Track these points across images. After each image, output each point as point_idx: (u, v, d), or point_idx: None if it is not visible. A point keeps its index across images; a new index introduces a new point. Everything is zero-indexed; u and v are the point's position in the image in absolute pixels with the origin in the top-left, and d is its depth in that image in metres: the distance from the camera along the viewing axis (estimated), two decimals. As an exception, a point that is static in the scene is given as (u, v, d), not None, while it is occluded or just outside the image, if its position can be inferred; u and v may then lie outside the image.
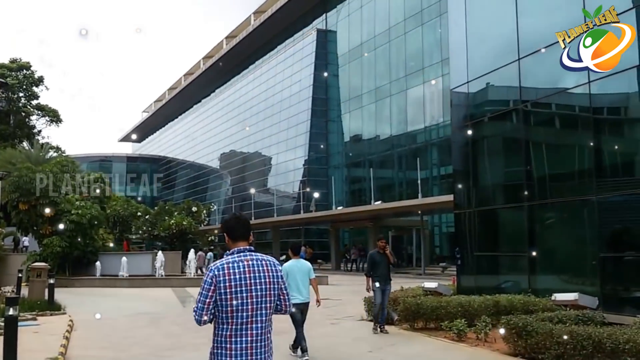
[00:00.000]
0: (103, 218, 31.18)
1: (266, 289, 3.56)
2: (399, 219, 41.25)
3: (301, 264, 9.16)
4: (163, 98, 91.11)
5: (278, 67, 58.80)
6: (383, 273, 11.73)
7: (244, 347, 3.49)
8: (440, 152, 40.72)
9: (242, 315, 3.48)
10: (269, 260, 3.69)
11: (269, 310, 3.59)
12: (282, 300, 3.70)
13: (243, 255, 3.61)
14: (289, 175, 55.17)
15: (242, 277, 3.52)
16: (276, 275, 3.65)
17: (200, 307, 3.50)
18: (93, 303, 19.21)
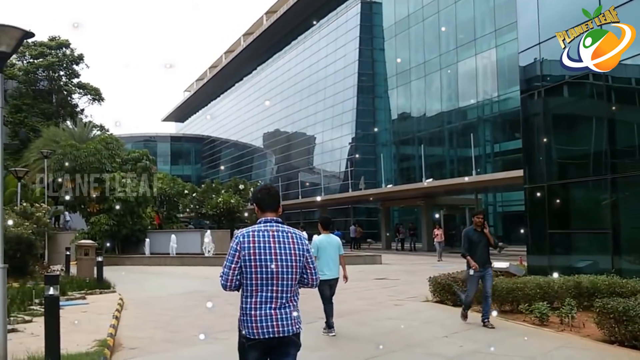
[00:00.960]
0: (150, 196, 31.11)
1: (290, 259, 3.64)
2: (451, 198, 39.98)
3: (331, 239, 8.98)
4: (204, 77, 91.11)
5: (321, 42, 57.65)
6: (482, 255, 9.65)
7: (269, 314, 3.57)
8: (494, 128, 39.12)
9: (266, 282, 3.58)
10: (295, 233, 3.76)
11: (293, 280, 3.66)
12: (309, 273, 3.77)
13: (269, 225, 3.70)
14: (335, 154, 54.30)
15: (267, 245, 3.62)
16: (302, 248, 3.72)
17: (226, 272, 3.63)
18: (143, 281, 18.97)
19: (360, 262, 26.47)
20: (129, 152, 31.72)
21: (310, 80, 58.90)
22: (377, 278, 18.85)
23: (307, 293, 12.94)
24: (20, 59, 42.10)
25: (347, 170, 46.36)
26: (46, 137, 32.51)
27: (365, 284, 17.12)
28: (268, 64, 71.33)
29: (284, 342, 3.64)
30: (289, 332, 3.63)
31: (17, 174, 21.97)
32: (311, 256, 3.81)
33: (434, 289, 12.66)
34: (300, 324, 3.72)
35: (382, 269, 23.09)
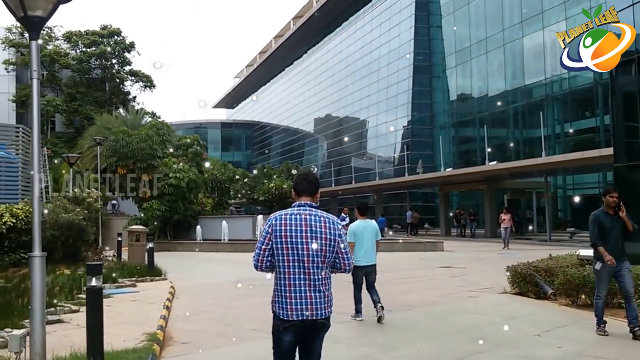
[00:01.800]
0: (201, 182, 30.84)
1: (321, 243, 3.70)
2: (516, 181, 38.19)
3: (368, 225, 8.83)
4: (254, 62, 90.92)
5: (374, 21, 56.17)
6: (616, 245, 7.59)
7: (302, 296, 3.67)
8: (564, 107, 37.05)
9: (298, 265, 3.68)
10: (328, 217, 3.82)
11: (324, 264, 3.73)
12: (341, 258, 3.81)
13: (303, 210, 3.79)
14: (389, 137, 52.98)
15: (298, 228, 3.71)
16: (334, 232, 3.77)
17: (257, 252, 3.76)
18: (194, 268, 18.51)
19: (421, 248, 25.44)
20: (180, 137, 31.53)
21: (362, 61, 57.60)
22: (441, 266, 17.80)
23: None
24: (73, 48, 42.71)
25: (403, 154, 44.97)
26: (99, 124, 32.64)
27: (431, 273, 16.13)
28: (318, 47, 70.32)
29: (317, 325, 3.74)
30: (322, 316, 3.72)
31: (69, 160, 21.88)
32: (344, 241, 3.83)
33: (513, 280, 11.56)
34: (332, 308, 3.80)
35: (445, 256, 21.98)
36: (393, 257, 22.11)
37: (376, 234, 8.91)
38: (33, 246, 5.96)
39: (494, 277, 14.64)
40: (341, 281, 9.50)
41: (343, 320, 8.86)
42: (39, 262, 5.93)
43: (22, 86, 41.10)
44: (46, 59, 40.37)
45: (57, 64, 41.47)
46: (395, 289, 12.77)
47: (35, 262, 5.91)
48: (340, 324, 8.64)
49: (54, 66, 41.83)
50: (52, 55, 40.71)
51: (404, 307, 10.07)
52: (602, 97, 34.66)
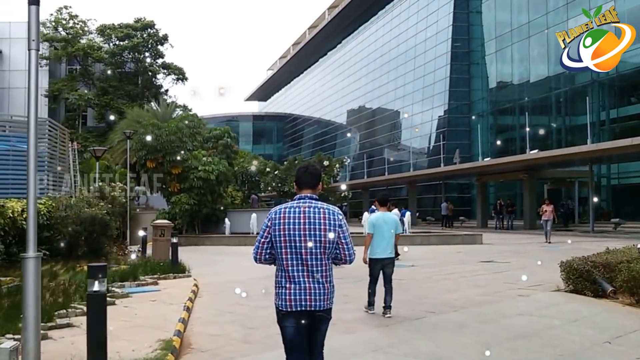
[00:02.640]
0: (231, 175, 30.21)
1: (320, 235, 3.73)
2: (557, 170, 36.56)
3: (387, 217, 8.66)
4: (287, 54, 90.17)
5: (411, 9, 54.76)
6: None
7: (301, 287, 3.71)
8: (610, 93, 35.32)
9: (296, 257, 3.73)
10: (328, 209, 3.84)
11: (324, 256, 3.76)
12: (342, 249, 3.83)
13: (302, 202, 3.84)
14: (425, 127, 51.64)
15: (297, 221, 3.75)
16: (334, 223, 3.79)
17: (257, 245, 3.85)
18: (221, 263, 17.82)
19: (458, 241, 24.33)
20: (210, 130, 30.90)
21: (398, 50, 56.29)
22: (483, 261, 16.71)
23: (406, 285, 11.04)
24: (107, 41, 42.57)
25: (439, 144, 43.65)
26: (130, 118, 32.26)
27: (472, 268, 15.08)
28: (353, 37, 69.16)
29: (316, 316, 3.75)
30: (321, 307, 3.73)
31: (95, 153, 21.40)
32: (345, 232, 3.84)
33: (568, 276, 10.48)
34: (332, 300, 3.82)
35: (485, 250, 20.84)
36: (430, 250, 21.11)
37: (396, 226, 8.68)
38: (27, 246, 5.23)
39: (541, 273, 13.57)
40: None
41: (382, 324, 7.97)
42: (33, 264, 5.20)
43: (54, 81, 41.11)
44: (79, 52, 40.30)
45: (90, 58, 41.35)
46: (435, 286, 11.83)
47: (28, 265, 5.18)
48: (378, 328, 7.79)
49: (87, 60, 41.74)
50: (86, 49, 40.62)
51: (448, 307, 9.12)
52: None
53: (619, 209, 34.97)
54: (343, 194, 36.99)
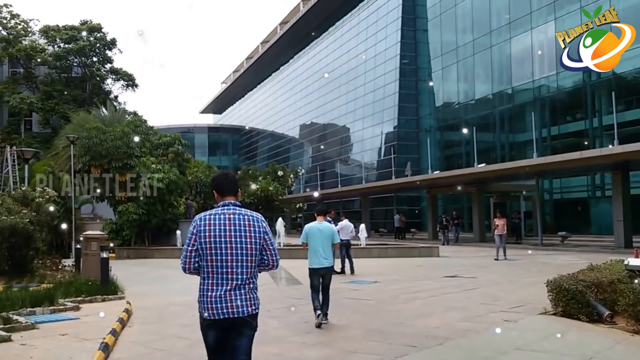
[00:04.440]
0: (183, 183, 27.71)
1: (246, 242, 3.55)
2: (503, 184, 35.43)
3: (323, 227, 8.24)
4: (241, 68, 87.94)
5: (361, 25, 53.49)
6: None
7: (223, 295, 3.49)
8: (552, 109, 34.57)
9: (222, 264, 3.51)
10: (252, 215, 3.66)
11: (250, 262, 3.56)
12: (268, 255, 3.67)
13: (227, 209, 3.62)
14: (375, 141, 50.22)
15: (222, 228, 3.54)
16: (259, 230, 3.62)
17: (184, 255, 3.59)
18: (168, 279, 15.44)
19: (415, 254, 22.57)
20: (160, 136, 28.28)
21: (349, 65, 54.88)
22: (447, 275, 14.94)
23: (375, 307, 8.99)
24: (51, 43, 39.20)
25: (390, 158, 42.11)
26: (75, 122, 29.38)
27: (439, 284, 13.25)
28: (305, 52, 67.58)
29: (239, 322, 3.54)
30: (244, 313, 3.53)
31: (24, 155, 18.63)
32: (270, 238, 3.69)
33: (557, 297, 8.71)
34: (258, 306, 3.60)
35: (444, 263, 19.15)
36: (389, 264, 19.26)
37: (332, 236, 8.23)
38: None
39: (516, 291, 11.90)
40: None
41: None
42: None
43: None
44: (21, 54, 36.83)
45: (34, 60, 37.87)
46: (407, 308, 9.88)
47: None
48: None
49: (30, 62, 38.20)
50: (28, 50, 37.09)
51: (431, 339, 7.16)
52: (591, 98, 32.31)
53: (562, 222, 34.17)
54: (298, 205, 34.84)
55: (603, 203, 32.72)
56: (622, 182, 23.85)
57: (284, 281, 14.62)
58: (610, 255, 20.87)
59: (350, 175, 52.34)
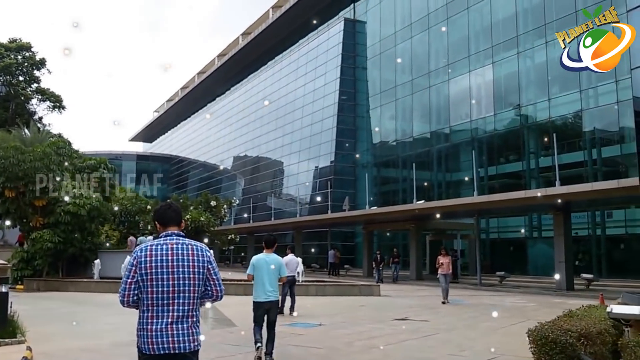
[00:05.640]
0: (107, 211, 25.28)
1: (189, 272, 3.38)
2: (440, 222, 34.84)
3: (270, 259, 7.94)
4: (175, 97, 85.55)
5: (300, 60, 52.94)
6: None
7: (164, 328, 3.31)
8: (490, 149, 34.73)
9: (163, 296, 3.33)
10: (196, 245, 3.50)
11: (193, 294, 3.39)
12: (212, 285, 3.50)
13: (170, 239, 3.47)
14: (311, 175, 49.16)
15: (165, 259, 3.38)
16: (203, 260, 3.46)
17: (123, 287, 3.40)
18: (81, 317, 13.23)
19: (356, 292, 21.16)
20: (84, 159, 25.83)
21: (286, 99, 53.97)
22: (397, 318, 13.60)
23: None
24: (-26, 60, 36.11)
25: (326, 192, 41.01)
26: (-7, 142, 26.45)
27: (393, 330, 11.84)
28: (242, 84, 66.38)
29: (179, 358, 3.32)
30: (185, 349, 3.32)
31: None
32: (214, 268, 3.52)
33: (541, 350, 7.49)
34: (200, 343, 3.40)
35: (388, 303, 17.87)
36: (329, 303, 17.74)
37: (279, 269, 7.90)
38: None
39: (478, 338, 10.69)
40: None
41: None
42: None
43: None
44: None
45: None
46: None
47: None
48: None
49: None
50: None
51: None
52: (527, 140, 32.68)
53: (498, 262, 33.94)
54: (230, 237, 32.86)
55: (540, 244, 32.82)
56: (563, 223, 23.63)
57: (214, 322, 12.78)
58: (553, 297, 20.41)
59: (283, 209, 50.88)
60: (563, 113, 30.23)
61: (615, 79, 26.60)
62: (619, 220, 29.55)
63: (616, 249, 30.38)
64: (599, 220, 29.90)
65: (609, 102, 27.35)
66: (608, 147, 28.81)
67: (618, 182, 19.91)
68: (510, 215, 33.52)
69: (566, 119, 30.35)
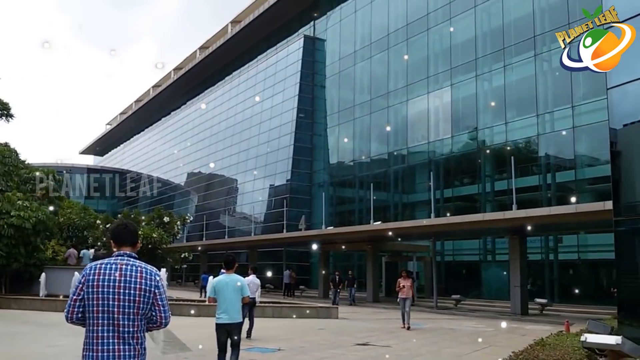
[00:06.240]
0: (54, 225, 24.05)
1: (135, 294, 3.35)
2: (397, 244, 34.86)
3: (232, 279, 7.74)
4: (129, 110, 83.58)
5: (258, 76, 52.55)
6: None
7: (110, 349, 3.28)
8: (446, 172, 35.01)
9: (108, 316, 3.31)
10: (146, 269, 3.45)
11: (137, 317, 3.36)
12: (158, 311, 3.45)
13: (120, 259, 3.45)
14: (267, 193, 48.53)
15: (112, 279, 3.36)
16: (151, 284, 3.41)
17: (69, 304, 3.39)
18: (22, 339, 12.29)
19: (313, 314, 20.68)
20: (30, 169, 24.55)
21: (243, 115, 53.36)
22: (359, 343, 13.19)
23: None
24: None
25: (282, 210, 40.32)
26: None
27: (356, 357, 11.43)
28: (199, 99, 65.37)
29: None
30: None
31: None
32: (162, 293, 3.45)
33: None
34: None
35: (347, 327, 17.45)
36: (287, 325, 17.20)
37: (241, 289, 7.73)
38: None
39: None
40: None
41: None
42: None
43: None
44: None
45: None
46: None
47: None
48: None
49: None
50: None
51: None
52: (484, 163, 33.11)
53: (452, 285, 34.02)
54: (183, 255, 31.75)
55: (494, 267, 33.12)
56: (519, 247, 23.82)
57: (166, 346, 12.05)
58: (510, 322, 20.41)
59: (238, 227, 49.96)
60: (519, 137, 30.78)
61: (572, 105, 27.29)
62: (572, 245, 30.14)
63: (568, 274, 30.95)
64: (552, 245, 30.42)
65: (564, 128, 27.98)
66: (562, 172, 29.44)
67: (576, 207, 20.21)
68: (465, 238, 33.76)
69: (522, 143, 30.93)
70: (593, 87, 27.35)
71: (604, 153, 27.40)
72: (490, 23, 32.93)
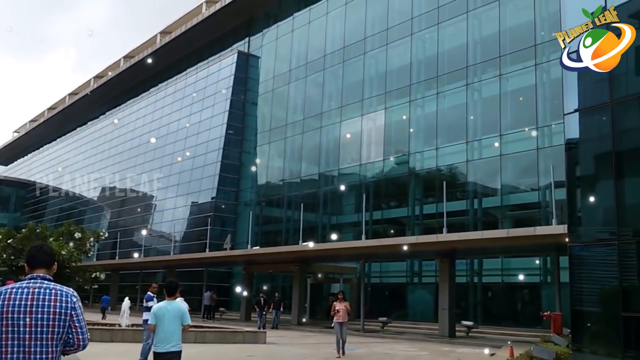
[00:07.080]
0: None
1: (48, 318, 3.20)
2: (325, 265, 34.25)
3: (172, 307, 7.40)
4: (41, 117, 78.67)
5: (187, 89, 50.83)
6: None
7: None
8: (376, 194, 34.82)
9: (19, 343, 3.15)
10: (61, 290, 3.31)
11: (51, 341, 3.20)
12: (75, 333, 3.30)
13: (33, 282, 3.31)
14: (190, 210, 46.54)
15: (23, 303, 3.21)
16: (66, 306, 3.27)
17: None
18: None
19: (239, 339, 19.39)
20: None
21: (168, 128, 51.27)
22: None
23: None
24: None
25: (206, 229, 38.51)
26: None
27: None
28: (119, 109, 62.47)
29: None
30: None
31: None
32: (79, 315, 3.31)
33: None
34: None
35: (279, 353, 16.44)
36: (212, 352, 15.90)
37: (182, 316, 7.37)
38: None
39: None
40: None
41: None
42: None
43: None
44: None
45: None
46: None
47: None
48: None
49: None
50: None
51: None
52: (414, 186, 33.23)
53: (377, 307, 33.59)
54: (94, 275, 29.40)
55: (420, 289, 33.07)
56: (449, 270, 23.75)
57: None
58: (440, 345, 20.12)
59: (154, 246, 47.53)
60: (449, 163, 31.16)
61: (500, 134, 27.94)
62: (495, 268, 30.64)
63: (492, 297, 31.40)
64: (477, 268, 30.81)
65: (491, 155, 28.58)
66: (488, 198, 30.00)
67: (507, 232, 20.36)
68: (392, 260, 33.58)
69: (451, 168, 31.33)
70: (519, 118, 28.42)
71: (527, 181, 28.38)
72: (425, 51, 33.45)
